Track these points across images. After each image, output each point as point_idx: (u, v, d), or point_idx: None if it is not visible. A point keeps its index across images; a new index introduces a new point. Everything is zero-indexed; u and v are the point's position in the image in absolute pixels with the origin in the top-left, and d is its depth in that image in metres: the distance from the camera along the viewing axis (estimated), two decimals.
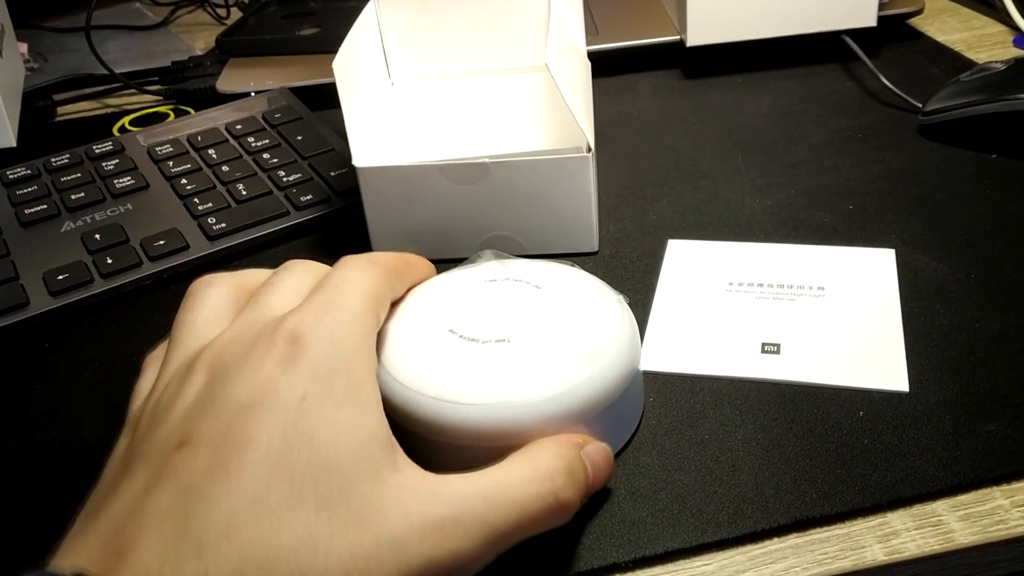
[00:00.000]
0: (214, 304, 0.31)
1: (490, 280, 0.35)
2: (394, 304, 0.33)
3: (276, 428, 0.25)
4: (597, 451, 0.31)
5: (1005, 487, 0.31)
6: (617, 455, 0.33)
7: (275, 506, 0.24)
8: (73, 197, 0.51)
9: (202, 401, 0.27)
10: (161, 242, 0.46)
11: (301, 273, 0.32)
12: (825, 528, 0.31)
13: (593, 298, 0.34)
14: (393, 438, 0.27)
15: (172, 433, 0.26)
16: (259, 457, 0.25)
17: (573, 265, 0.36)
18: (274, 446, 0.25)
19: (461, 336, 0.32)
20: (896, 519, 0.31)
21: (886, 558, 0.30)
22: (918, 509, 0.31)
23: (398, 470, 0.26)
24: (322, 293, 0.29)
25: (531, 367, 0.31)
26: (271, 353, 0.27)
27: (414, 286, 0.35)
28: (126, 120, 0.64)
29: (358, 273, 0.31)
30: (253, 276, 0.33)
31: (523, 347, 0.31)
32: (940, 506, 0.31)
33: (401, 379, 0.31)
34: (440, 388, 0.30)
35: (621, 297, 0.34)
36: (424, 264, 0.36)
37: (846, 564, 0.30)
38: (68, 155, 0.55)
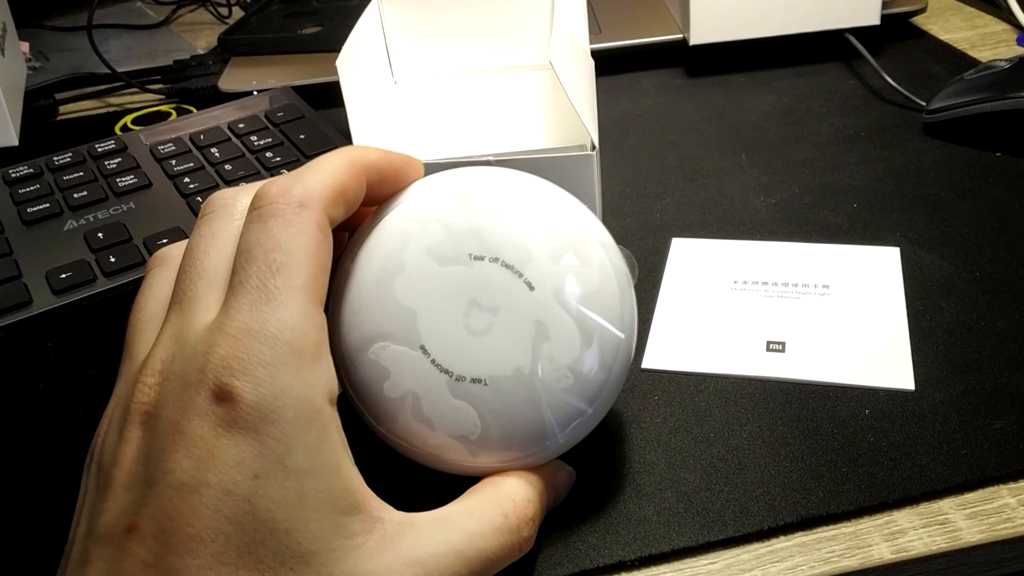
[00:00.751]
0: (159, 297, 0.28)
1: (475, 256, 0.29)
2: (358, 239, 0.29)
3: (230, 518, 0.23)
4: (564, 481, 0.31)
5: (1012, 485, 0.31)
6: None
7: None
8: (76, 196, 0.51)
9: (142, 474, 0.24)
10: (164, 241, 0.46)
11: (222, 235, 0.27)
12: (831, 527, 0.31)
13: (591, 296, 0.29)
14: (364, 489, 0.25)
15: (120, 515, 0.24)
16: (217, 551, 0.23)
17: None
18: (234, 538, 0.23)
19: (433, 362, 0.28)
20: (903, 517, 0.31)
21: (893, 556, 0.30)
22: (925, 507, 0.31)
23: (372, 529, 0.25)
24: (244, 294, 0.25)
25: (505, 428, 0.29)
26: (204, 418, 0.23)
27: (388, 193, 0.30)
28: (128, 119, 0.64)
29: (284, 238, 0.25)
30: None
31: (501, 397, 0.29)
32: (947, 504, 0.31)
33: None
34: (404, 430, 0.29)
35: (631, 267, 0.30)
36: (400, 166, 0.30)
37: (853, 563, 0.29)
38: (70, 154, 0.55)
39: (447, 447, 0.29)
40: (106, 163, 0.54)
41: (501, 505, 0.28)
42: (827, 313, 0.39)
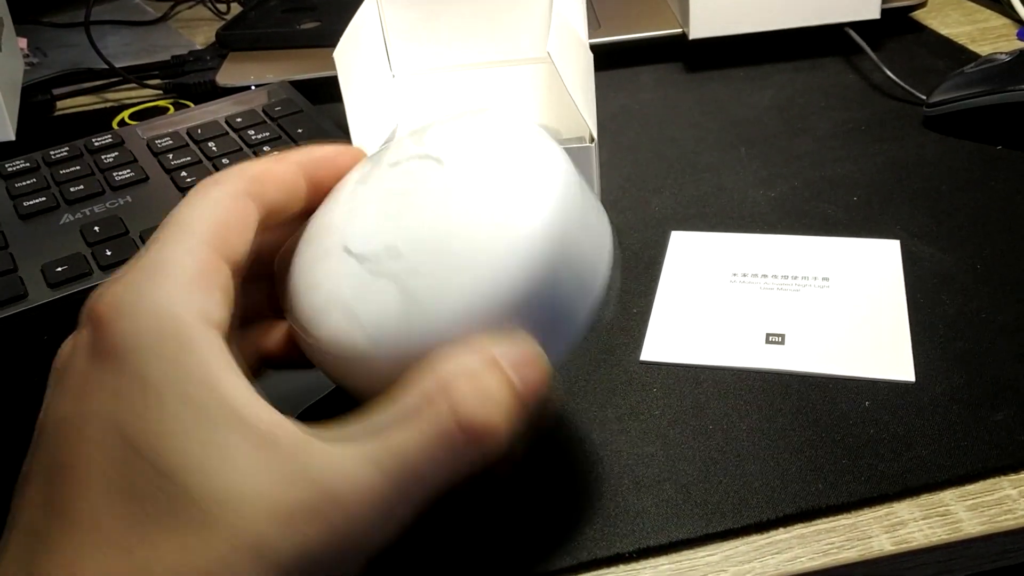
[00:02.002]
0: None
1: (392, 164, 0.29)
2: (313, 215, 0.29)
3: (100, 444, 0.22)
4: (511, 350, 0.24)
5: (1013, 477, 0.31)
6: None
7: (117, 537, 0.21)
8: (72, 190, 0.50)
9: (39, 425, 0.24)
10: None
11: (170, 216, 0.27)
12: (831, 518, 0.30)
13: (505, 159, 0.27)
14: (252, 403, 0.23)
15: (23, 469, 0.24)
16: (95, 482, 0.22)
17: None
18: (107, 466, 0.22)
19: (353, 254, 0.27)
20: (903, 509, 0.30)
21: (893, 548, 0.29)
22: (925, 499, 0.31)
23: (258, 448, 0.22)
24: (144, 250, 0.26)
25: (422, 294, 0.25)
26: (80, 349, 0.24)
27: (328, 177, 0.30)
28: (126, 114, 0.64)
29: (191, 205, 0.27)
30: None
31: (415, 268, 0.25)
32: (947, 496, 0.31)
33: (293, 314, 0.28)
34: (326, 328, 0.26)
35: (555, 139, 0.28)
36: (329, 152, 0.30)
37: (852, 554, 0.29)
38: (67, 148, 0.55)
39: (380, 341, 0.25)
40: (103, 157, 0.54)
41: (420, 385, 0.23)
42: (827, 305, 0.39)
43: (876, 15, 0.59)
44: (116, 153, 0.54)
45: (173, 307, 0.24)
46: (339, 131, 0.54)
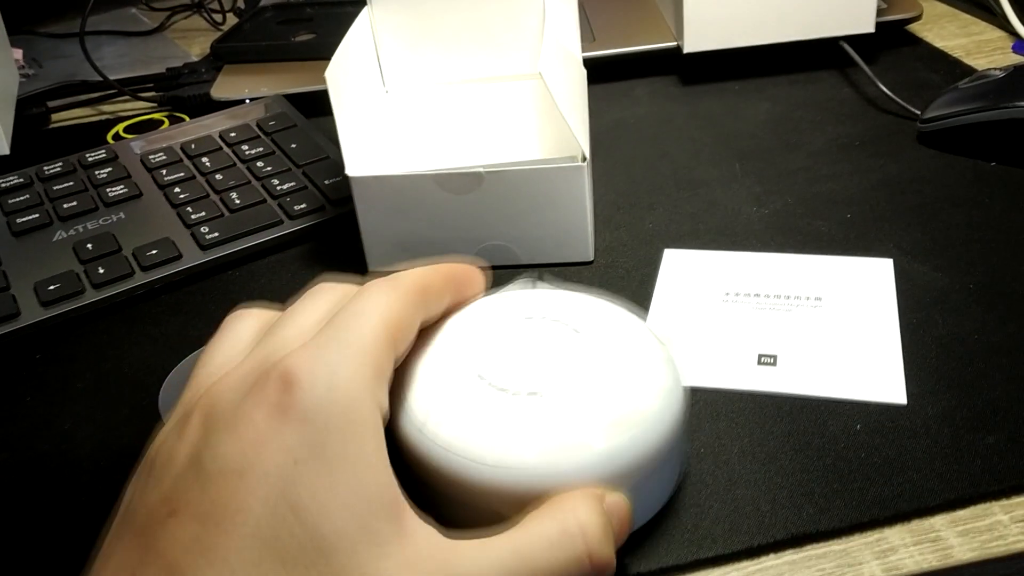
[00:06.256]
0: (237, 338, 0.29)
1: (527, 318, 0.32)
2: (424, 333, 0.31)
3: (264, 499, 0.23)
4: (616, 502, 0.28)
5: (1004, 502, 0.31)
6: (654, 519, 0.31)
7: None
8: (65, 206, 0.50)
9: (192, 462, 0.25)
10: (153, 251, 0.46)
11: (322, 302, 0.29)
12: (822, 544, 0.30)
13: (635, 347, 0.31)
14: (401, 498, 0.25)
15: (162, 501, 0.24)
16: (247, 533, 0.23)
17: (616, 303, 0.33)
18: (264, 521, 0.23)
19: (490, 384, 0.29)
20: (894, 535, 0.30)
21: (884, 574, 0.29)
22: (916, 524, 0.31)
23: (405, 541, 0.24)
24: (330, 328, 0.27)
25: (563, 429, 0.28)
26: (262, 404, 0.24)
27: (460, 303, 0.32)
28: (120, 127, 0.64)
29: (375, 300, 0.28)
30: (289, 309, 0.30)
31: (555, 404, 0.28)
32: (938, 521, 0.31)
33: (421, 427, 0.29)
34: (464, 444, 0.28)
35: (665, 344, 0.32)
36: (470, 275, 0.32)
37: None
38: (61, 163, 0.55)
39: (512, 465, 0.28)
40: (96, 173, 0.54)
41: (555, 516, 0.26)
42: (819, 326, 0.39)
43: (871, 29, 0.59)
44: (110, 168, 0.54)
45: (363, 392, 0.25)
46: (333, 146, 0.54)
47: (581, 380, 0.29)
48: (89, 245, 0.47)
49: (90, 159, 0.55)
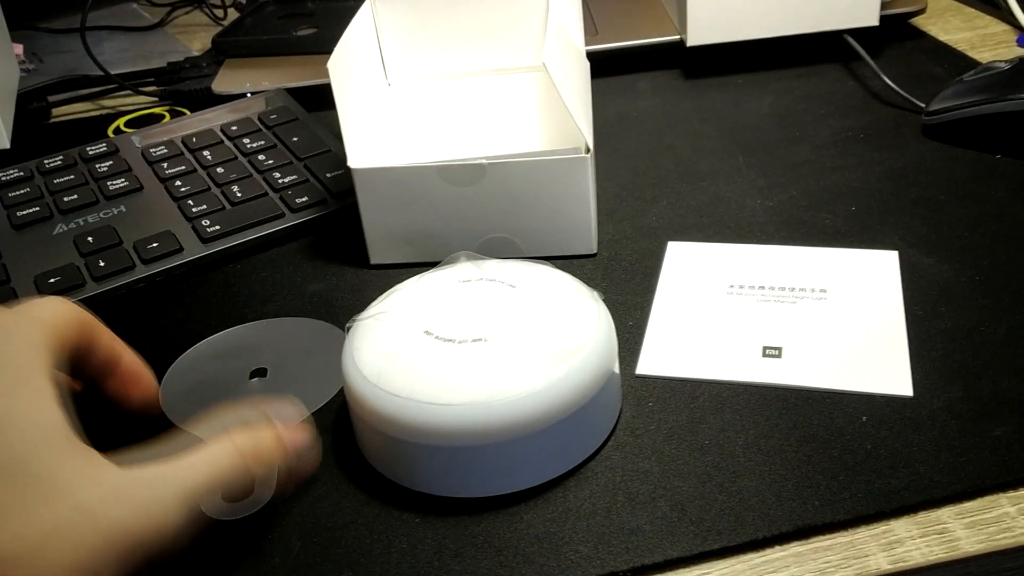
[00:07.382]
0: None
1: (464, 281, 0.35)
2: (369, 308, 0.35)
3: None
4: (292, 430, 0.31)
5: (1011, 494, 0.31)
6: (594, 455, 0.33)
7: None
8: (66, 199, 0.50)
9: None
10: (154, 244, 0.46)
11: None
12: (828, 536, 0.30)
13: (568, 296, 0.34)
14: (74, 432, 0.27)
15: None
16: None
17: (547, 264, 0.36)
18: None
19: (437, 337, 0.32)
20: (900, 527, 0.30)
21: (890, 567, 0.29)
22: (923, 516, 0.30)
23: (84, 452, 0.27)
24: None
25: (507, 366, 0.31)
26: None
27: None
28: (121, 121, 0.64)
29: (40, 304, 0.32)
30: None
31: (499, 346, 0.32)
32: (945, 513, 0.30)
33: (376, 381, 0.31)
34: (415, 389, 0.31)
35: (597, 295, 0.35)
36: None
37: (849, 573, 0.29)
38: (61, 157, 0.54)
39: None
40: (97, 166, 0.53)
41: (212, 425, 0.29)
42: (824, 318, 0.39)
43: (875, 22, 0.59)
44: (110, 162, 0.54)
45: (52, 439, 0.27)
46: (335, 139, 0.53)
47: (523, 324, 0.32)
48: (90, 238, 0.47)
49: (91, 152, 0.55)
